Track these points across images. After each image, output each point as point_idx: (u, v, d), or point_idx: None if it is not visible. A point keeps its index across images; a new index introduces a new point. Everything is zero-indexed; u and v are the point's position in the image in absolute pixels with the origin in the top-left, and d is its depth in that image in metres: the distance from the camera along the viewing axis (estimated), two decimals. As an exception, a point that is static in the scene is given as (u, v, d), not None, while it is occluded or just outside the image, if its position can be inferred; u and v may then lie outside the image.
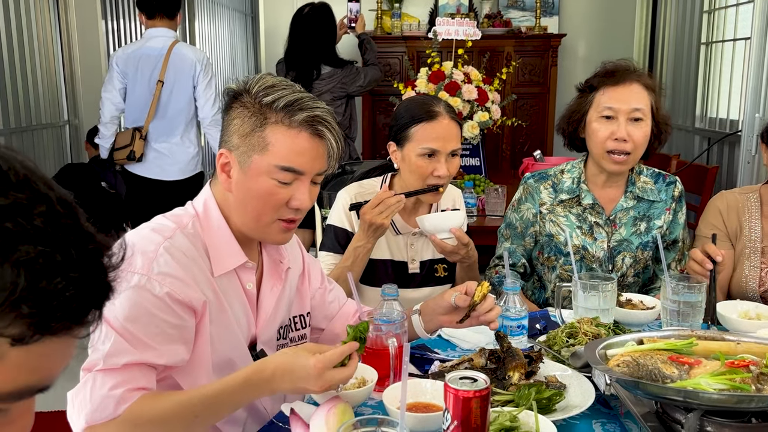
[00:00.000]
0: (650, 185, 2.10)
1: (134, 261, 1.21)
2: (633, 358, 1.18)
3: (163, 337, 1.21)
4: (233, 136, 1.31)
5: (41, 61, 5.20)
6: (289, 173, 1.29)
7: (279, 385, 1.19)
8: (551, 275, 2.13)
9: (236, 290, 1.37)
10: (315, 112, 1.30)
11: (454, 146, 1.94)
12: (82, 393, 1.16)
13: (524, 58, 4.97)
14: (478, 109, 3.95)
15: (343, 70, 4.27)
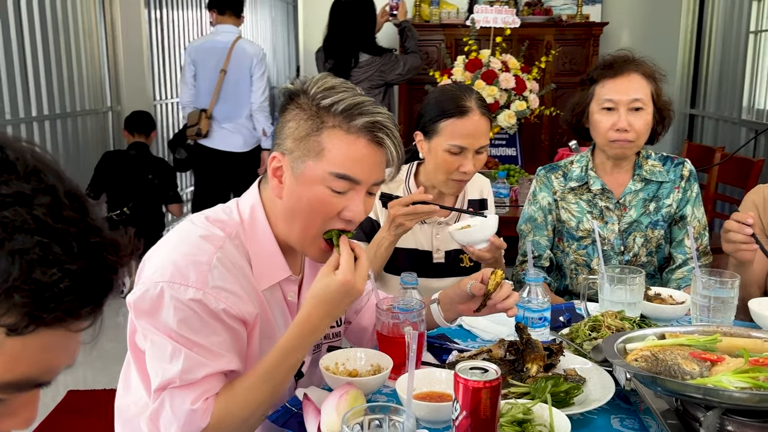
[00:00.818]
0: (658, 167, 2.11)
1: (188, 273, 1.17)
2: (652, 353, 1.15)
3: (226, 346, 1.20)
4: (287, 140, 1.24)
5: (86, 49, 5.31)
6: (345, 181, 1.21)
7: (331, 317, 1.21)
8: (567, 261, 2.15)
9: (278, 300, 1.35)
10: (376, 118, 1.22)
11: (483, 143, 1.91)
12: (164, 413, 1.16)
13: (564, 47, 4.88)
14: (516, 98, 3.89)
15: (381, 58, 4.25)
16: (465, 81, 3.87)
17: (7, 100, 4.46)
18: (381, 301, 1.44)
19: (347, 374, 1.35)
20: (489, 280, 1.45)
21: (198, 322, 1.17)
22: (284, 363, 1.20)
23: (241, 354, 1.25)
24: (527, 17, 4.87)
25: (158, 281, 1.17)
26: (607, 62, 2.05)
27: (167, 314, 1.16)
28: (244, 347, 1.26)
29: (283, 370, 1.20)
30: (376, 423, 1.01)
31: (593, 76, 2.07)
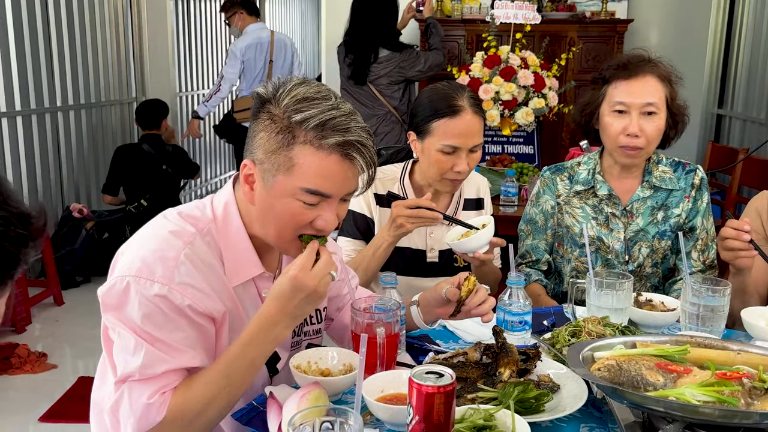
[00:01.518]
0: (669, 174, 2.03)
1: (154, 268, 1.18)
2: (617, 362, 1.12)
3: (189, 342, 1.21)
4: (258, 150, 1.23)
5: (111, 40, 5.40)
6: (315, 196, 1.21)
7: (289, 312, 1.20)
8: (568, 268, 2.08)
9: (252, 297, 1.34)
10: (347, 137, 1.19)
11: (476, 142, 1.89)
12: (122, 405, 1.17)
13: (587, 44, 4.79)
14: (534, 96, 3.85)
15: (401, 54, 4.20)
16: (483, 77, 3.83)
17: (33, 90, 4.55)
18: (357, 300, 1.43)
19: (319, 373, 1.35)
20: (462, 286, 1.44)
21: (162, 318, 1.17)
22: (242, 357, 1.20)
23: (209, 351, 1.26)
24: (550, 13, 4.79)
25: (125, 275, 1.18)
26: (622, 62, 1.96)
27: (132, 309, 1.17)
28: (212, 344, 1.27)
29: (241, 364, 1.20)
30: (327, 425, 1.01)
31: (606, 75, 1.98)
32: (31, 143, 4.57)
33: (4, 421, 2.95)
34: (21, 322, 3.81)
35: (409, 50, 4.26)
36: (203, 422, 1.21)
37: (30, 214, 0.64)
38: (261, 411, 1.26)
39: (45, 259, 4.22)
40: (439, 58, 4.30)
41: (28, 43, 4.48)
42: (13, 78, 4.37)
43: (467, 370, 1.37)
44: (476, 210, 2.13)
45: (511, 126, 3.91)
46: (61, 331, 3.91)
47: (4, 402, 3.11)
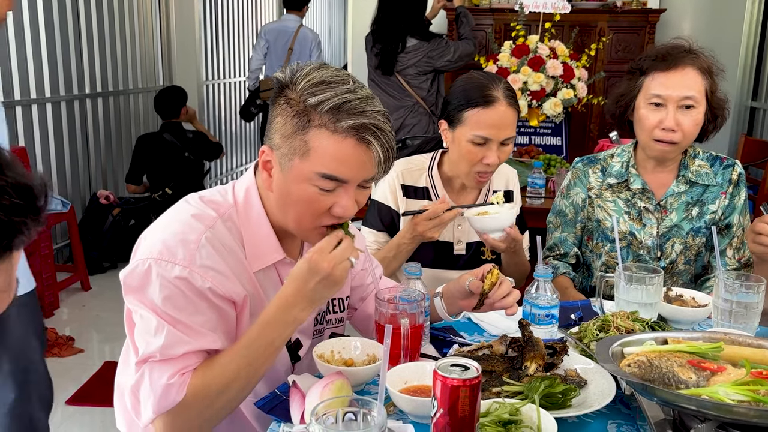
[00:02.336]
0: (705, 168, 1.97)
1: (176, 251, 1.18)
2: (648, 358, 1.09)
3: (210, 325, 1.21)
4: (275, 135, 1.23)
5: (139, 28, 5.43)
6: (331, 181, 1.19)
7: (306, 294, 1.19)
8: (598, 262, 2.04)
9: (274, 283, 1.34)
10: (362, 120, 1.17)
11: (508, 134, 1.85)
12: (143, 385, 1.18)
13: (618, 34, 4.71)
14: (563, 86, 3.79)
15: (429, 44, 4.14)
16: (511, 67, 3.79)
17: (62, 77, 4.60)
18: (381, 291, 1.42)
19: (342, 363, 1.34)
20: (485, 279, 1.42)
21: (183, 300, 1.18)
22: (261, 337, 1.20)
23: (229, 334, 1.25)
24: (580, 3, 4.72)
25: (147, 258, 1.19)
26: (661, 53, 1.89)
27: (153, 291, 1.18)
28: (232, 327, 1.26)
29: (260, 345, 1.20)
30: (350, 416, 1.00)
31: (643, 66, 1.92)
32: (60, 130, 4.62)
33: (31, 404, 3.00)
34: (49, 306, 3.87)
35: (438, 39, 4.18)
36: (222, 403, 1.21)
37: (30, 185, 0.63)
38: (284, 399, 1.25)
39: (72, 244, 4.27)
40: (469, 48, 4.22)
41: (57, 31, 4.52)
42: (43, 66, 4.41)
43: (492, 363, 1.35)
44: (505, 202, 2.10)
45: (539, 117, 3.86)
46: (88, 315, 3.96)
47: (31, 384, 3.15)
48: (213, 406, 1.19)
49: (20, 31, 4.22)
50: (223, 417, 1.25)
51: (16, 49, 4.19)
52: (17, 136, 4.27)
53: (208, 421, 1.23)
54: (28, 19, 4.27)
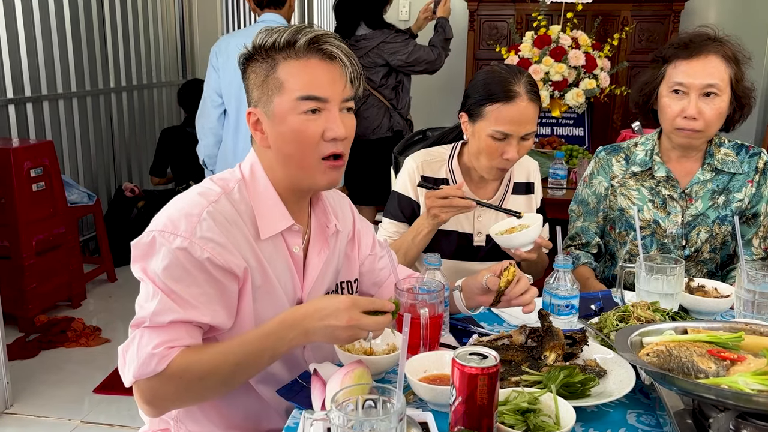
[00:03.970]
0: (731, 157, 1.96)
1: (178, 224, 1.23)
2: (667, 348, 1.09)
3: (206, 298, 1.24)
4: (253, 91, 1.31)
5: (162, 23, 5.49)
6: (311, 101, 1.27)
7: (310, 323, 1.20)
8: (622, 251, 2.03)
9: (282, 254, 1.36)
10: (313, 33, 1.28)
11: (529, 130, 1.84)
12: (130, 349, 1.22)
13: (641, 24, 4.66)
14: (585, 77, 3.76)
15: (382, 33, 3.79)
16: (533, 58, 3.76)
17: (88, 72, 4.67)
18: (401, 281, 1.43)
19: (362, 352, 1.35)
20: (502, 276, 1.43)
21: (180, 271, 1.22)
22: (255, 343, 1.22)
23: (228, 308, 1.28)
24: (603, -8, 4.67)
25: (152, 230, 1.25)
26: (684, 40, 1.88)
27: (155, 260, 1.23)
28: (232, 301, 1.29)
29: (252, 349, 1.22)
30: (370, 403, 1.01)
31: (666, 54, 1.92)
32: (86, 124, 4.69)
33: (61, 391, 3.06)
34: (77, 297, 3.94)
35: (394, 33, 3.82)
36: (199, 390, 1.24)
37: None
38: (305, 387, 1.28)
39: (99, 237, 4.34)
40: (430, 56, 3.86)
41: (83, 26, 4.59)
42: (69, 60, 4.48)
43: (512, 352, 1.36)
44: (526, 194, 2.10)
45: (561, 107, 3.83)
46: (114, 306, 4.03)
47: (61, 373, 3.22)
48: (190, 389, 1.22)
49: (47, 28, 4.29)
50: (201, 402, 1.31)
51: (42, 46, 4.26)
52: (44, 130, 4.34)
53: (184, 401, 1.27)
54: (54, 16, 4.34)
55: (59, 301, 3.88)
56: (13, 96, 4.10)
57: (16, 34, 4.11)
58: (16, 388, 3.03)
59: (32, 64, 4.22)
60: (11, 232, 3.53)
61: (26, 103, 4.20)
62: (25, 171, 3.58)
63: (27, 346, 3.42)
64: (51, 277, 3.74)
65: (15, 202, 3.53)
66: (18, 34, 4.12)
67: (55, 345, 3.46)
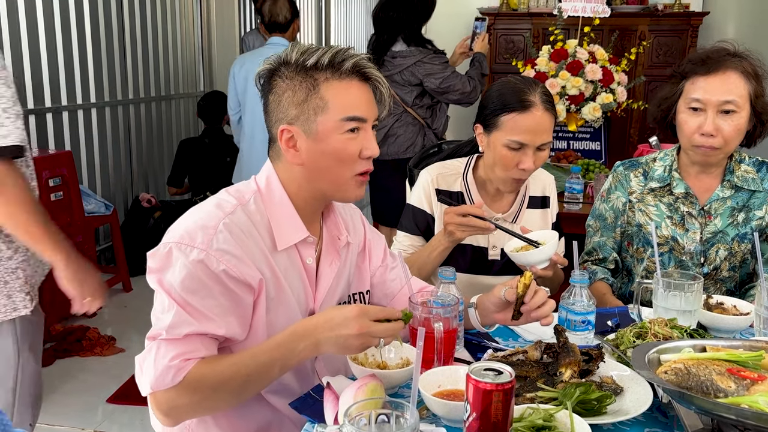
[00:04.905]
0: (752, 174, 1.93)
1: (195, 236, 1.25)
2: (686, 366, 1.07)
3: (221, 310, 1.25)
4: (290, 109, 1.31)
5: (181, 36, 5.55)
6: (354, 122, 1.30)
7: (321, 333, 1.20)
8: (639, 267, 2.01)
9: (296, 265, 1.37)
10: (356, 59, 1.31)
11: (544, 140, 1.83)
12: (147, 360, 1.23)
13: (659, 38, 4.64)
14: (602, 91, 3.75)
15: (419, 52, 3.54)
16: (549, 72, 3.76)
17: (107, 83, 4.72)
18: (415, 294, 1.42)
19: (376, 366, 1.34)
20: (518, 283, 1.42)
21: (197, 284, 1.22)
22: (266, 354, 1.23)
23: (243, 319, 1.29)
24: (620, 6, 4.67)
25: (169, 242, 1.26)
26: (701, 56, 1.87)
27: (171, 272, 1.24)
28: (247, 313, 1.30)
29: (262, 360, 1.23)
30: (383, 418, 1.00)
31: (684, 70, 1.90)
32: (104, 134, 4.74)
33: (76, 400, 3.07)
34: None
35: (432, 54, 3.58)
36: (214, 402, 1.25)
37: None
38: (318, 401, 1.27)
39: (115, 246, 4.37)
40: (466, 87, 3.62)
41: (103, 38, 4.64)
42: (88, 71, 4.54)
43: (527, 368, 1.34)
44: (541, 208, 2.08)
45: (578, 121, 3.82)
46: (129, 316, 4.04)
47: (75, 382, 3.24)
48: (205, 400, 1.23)
49: (67, 39, 4.35)
50: (216, 412, 1.32)
51: (63, 57, 4.31)
52: (64, 140, 4.39)
53: (199, 411, 1.29)
54: (75, 28, 4.40)
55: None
56: (33, 106, 4.16)
57: (37, 46, 4.17)
58: (30, 396, 3.05)
59: (53, 74, 4.28)
60: (29, 241, 3.56)
61: (46, 114, 4.26)
62: (43, 180, 3.61)
63: (42, 355, 3.44)
64: (67, 286, 3.76)
65: (33, 212, 3.56)
66: (39, 46, 4.18)
67: (70, 354, 3.48)
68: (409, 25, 3.59)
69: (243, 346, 1.29)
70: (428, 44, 3.62)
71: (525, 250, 1.79)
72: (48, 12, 4.23)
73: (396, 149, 3.66)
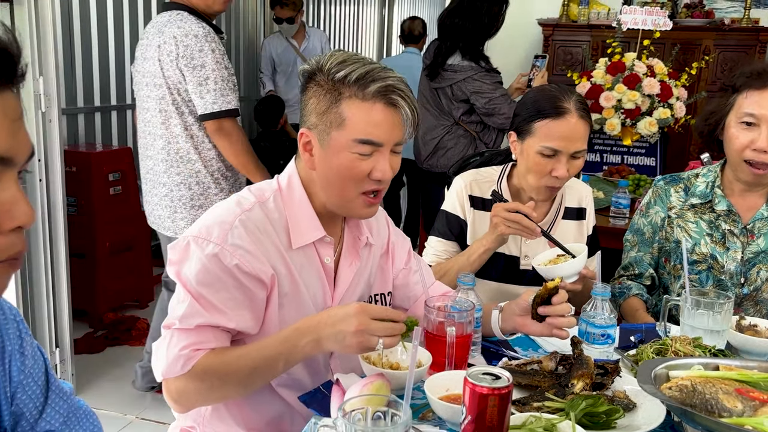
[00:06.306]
0: None
1: (212, 230, 1.30)
2: (692, 383, 1.05)
3: (234, 303, 1.28)
4: (311, 115, 1.33)
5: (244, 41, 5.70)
6: (368, 146, 1.30)
7: (323, 329, 1.22)
8: (676, 285, 1.96)
9: (314, 264, 1.40)
10: (387, 82, 1.29)
11: (578, 147, 1.81)
12: (161, 348, 1.28)
13: (724, 53, 4.49)
14: (659, 105, 3.66)
15: (471, 68, 3.41)
16: (605, 84, 3.70)
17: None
18: (432, 298, 1.43)
19: (388, 366, 1.36)
20: (544, 285, 1.41)
21: (211, 277, 1.26)
22: (271, 348, 1.26)
23: (255, 313, 1.32)
24: (684, 20, 4.54)
25: (187, 236, 1.31)
26: (757, 69, 1.81)
27: (188, 264, 1.28)
28: (260, 307, 1.33)
29: (268, 354, 1.25)
30: (378, 415, 1.02)
31: (737, 83, 1.84)
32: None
33: (121, 387, 3.19)
34: (144, 297, 4.10)
35: (485, 71, 3.44)
36: (221, 392, 1.29)
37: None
38: (326, 396, 1.29)
39: (170, 241, 4.51)
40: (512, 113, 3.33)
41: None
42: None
43: (539, 378, 1.33)
44: (577, 220, 2.05)
45: (633, 136, 3.75)
46: (178, 310, 4.16)
47: (123, 369, 3.35)
48: (213, 389, 1.27)
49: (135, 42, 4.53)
50: (225, 401, 1.36)
51: (129, 58, 4.49)
52: (126, 137, 4.57)
53: (207, 400, 1.33)
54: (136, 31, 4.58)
55: (128, 300, 4.06)
56: (100, 104, 4.34)
57: (106, 47, 4.36)
58: (80, 380, 3.18)
59: (119, 74, 4.46)
60: (87, 232, 3.72)
61: (111, 111, 4.44)
62: (104, 175, 3.77)
63: (94, 342, 3.59)
64: (121, 277, 3.91)
65: (93, 204, 3.72)
66: (108, 47, 4.37)
67: (119, 342, 3.62)
68: (471, 37, 3.45)
69: (255, 340, 1.32)
70: (483, 61, 3.50)
71: (553, 263, 1.77)
72: (117, 14, 4.42)
73: (446, 162, 3.58)
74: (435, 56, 3.55)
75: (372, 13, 7.66)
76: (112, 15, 4.38)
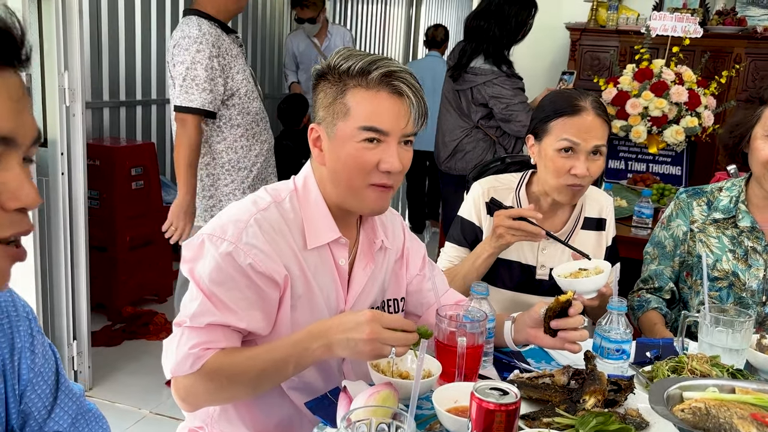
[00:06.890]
0: None
1: (227, 229, 1.29)
2: (707, 406, 1.02)
3: (246, 303, 1.28)
4: (319, 110, 1.35)
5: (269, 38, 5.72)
6: (373, 133, 1.29)
7: (334, 335, 1.21)
8: (696, 300, 1.91)
9: (328, 265, 1.39)
10: (390, 68, 1.29)
11: (597, 142, 1.77)
12: (171, 345, 1.28)
13: (756, 62, 4.40)
14: (687, 114, 3.60)
15: (492, 72, 3.36)
16: (632, 91, 3.65)
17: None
18: (444, 307, 1.41)
19: (398, 375, 1.34)
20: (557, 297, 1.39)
21: (224, 276, 1.26)
22: (281, 350, 1.25)
23: (267, 313, 1.31)
24: (715, 27, 4.45)
25: (202, 234, 1.31)
26: None
27: (202, 262, 1.28)
28: (272, 308, 1.32)
29: (277, 356, 1.25)
30: (383, 426, 1.00)
31: (765, 95, 1.80)
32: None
33: (137, 381, 3.21)
34: (163, 292, 4.13)
35: (505, 76, 3.38)
36: (230, 393, 1.29)
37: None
38: (333, 403, 1.28)
39: (190, 237, 4.54)
40: (525, 121, 3.21)
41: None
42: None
43: (550, 393, 1.31)
44: (596, 230, 2.01)
45: (659, 144, 3.69)
46: (197, 305, 4.18)
47: (139, 363, 3.38)
48: (221, 389, 1.26)
49: (161, 37, 4.57)
50: (232, 401, 1.35)
51: (156, 55, 4.53)
52: (150, 132, 4.61)
53: (215, 399, 1.32)
54: (169, 27, 4.61)
55: (146, 294, 4.09)
56: (125, 99, 4.38)
57: (132, 42, 4.39)
58: (97, 373, 3.21)
59: (145, 70, 4.50)
60: (109, 226, 3.75)
61: (136, 106, 4.48)
62: (126, 169, 3.80)
63: (112, 335, 3.62)
64: (141, 272, 3.94)
65: (114, 198, 3.76)
66: (135, 42, 4.41)
67: (137, 336, 3.65)
68: (496, 40, 3.39)
69: (267, 341, 1.32)
70: (505, 65, 3.43)
71: (574, 277, 1.73)
72: (145, 11, 4.46)
73: (464, 165, 3.57)
74: (459, 58, 3.53)
75: (399, 13, 7.64)
76: (139, 11, 4.42)
